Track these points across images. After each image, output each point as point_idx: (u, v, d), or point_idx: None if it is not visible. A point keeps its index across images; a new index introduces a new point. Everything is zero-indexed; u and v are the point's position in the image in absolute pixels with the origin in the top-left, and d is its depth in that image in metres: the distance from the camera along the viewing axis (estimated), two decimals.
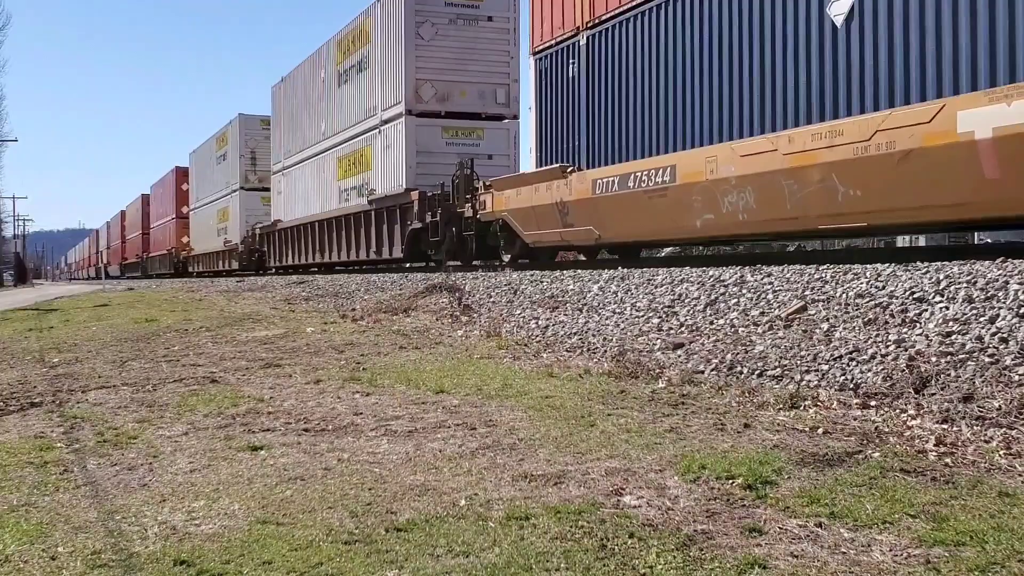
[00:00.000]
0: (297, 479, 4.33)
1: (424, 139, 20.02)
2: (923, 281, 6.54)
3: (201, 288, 27.37)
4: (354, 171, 23.95)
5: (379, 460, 4.66)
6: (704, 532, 3.42)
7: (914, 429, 4.77)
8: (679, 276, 9.29)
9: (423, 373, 7.45)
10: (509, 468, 4.39)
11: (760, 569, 3.07)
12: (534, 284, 11.54)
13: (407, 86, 20.05)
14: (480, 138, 20.32)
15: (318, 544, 3.42)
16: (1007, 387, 4.95)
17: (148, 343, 10.91)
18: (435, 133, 20.11)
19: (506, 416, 5.59)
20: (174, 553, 3.37)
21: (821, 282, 7.42)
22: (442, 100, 20.24)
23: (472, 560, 3.21)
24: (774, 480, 4.00)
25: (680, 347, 7.32)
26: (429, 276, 15.55)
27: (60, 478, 4.52)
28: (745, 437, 4.83)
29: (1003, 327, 5.51)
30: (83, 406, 6.56)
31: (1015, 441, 4.40)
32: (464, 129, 20.28)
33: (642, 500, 3.83)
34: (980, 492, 3.74)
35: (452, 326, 10.74)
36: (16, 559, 3.37)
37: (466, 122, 20.34)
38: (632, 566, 3.12)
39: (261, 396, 6.68)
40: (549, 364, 7.65)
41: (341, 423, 5.61)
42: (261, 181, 36.48)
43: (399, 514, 3.74)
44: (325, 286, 18.92)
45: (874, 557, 3.15)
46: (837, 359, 6.02)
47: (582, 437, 4.94)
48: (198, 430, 5.56)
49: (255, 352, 9.48)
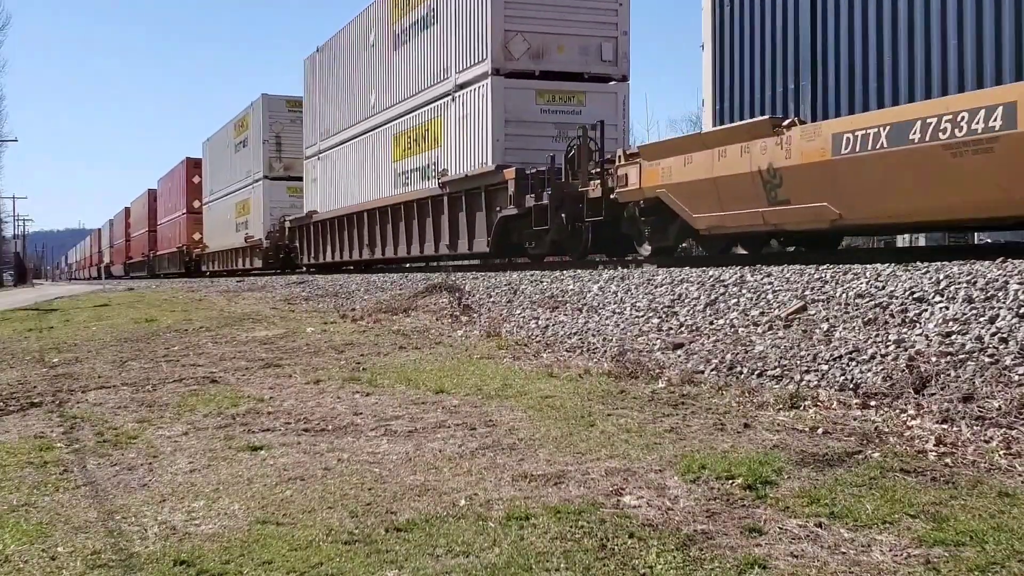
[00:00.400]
0: (297, 479, 4.33)
1: (515, 105, 16.39)
2: (923, 281, 6.54)
3: (201, 288, 27.36)
4: (416, 149, 20.21)
5: (379, 460, 4.66)
6: (704, 532, 3.42)
7: (914, 429, 4.77)
8: (679, 276, 9.29)
9: (423, 373, 7.45)
10: (509, 468, 4.39)
11: (760, 569, 3.07)
12: (534, 284, 11.54)
13: (493, 40, 16.33)
14: (581, 104, 16.64)
15: (318, 544, 3.42)
16: (1007, 387, 4.95)
17: (148, 343, 10.91)
18: (527, 97, 16.47)
19: (506, 416, 5.59)
20: (174, 553, 3.37)
21: (821, 282, 7.42)
22: (536, 57, 16.53)
23: (472, 560, 3.21)
24: (774, 480, 4.00)
25: (680, 347, 7.32)
26: (429, 276, 15.54)
27: (60, 478, 4.52)
28: (745, 437, 4.83)
29: (1003, 327, 5.51)
30: (83, 406, 6.56)
31: (1015, 441, 4.40)
32: (563, 93, 16.64)
33: (642, 500, 3.83)
34: (980, 492, 3.74)
35: (452, 326, 10.74)
36: (16, 559, 3.37)
37: (565, 84, 16.68)
38: (632, 566, 3.12)
39: (261, 396, 6.68)
40: (549, 364, 7.65)
41: (341, 423, 5.61)
42: (287, 169, 33.30)
43: (399, 514, 3.74)
44: (325, 286, 18.92)
45: (874, 557, 3.15)
46: (837, 359, 6.02)
47: (582, 437, 4.94)
48: (198, 430, 5.56)
49: (255, 352, 9.48)
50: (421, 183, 19.86)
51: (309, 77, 29.05)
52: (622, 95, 16.94)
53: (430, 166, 19.28)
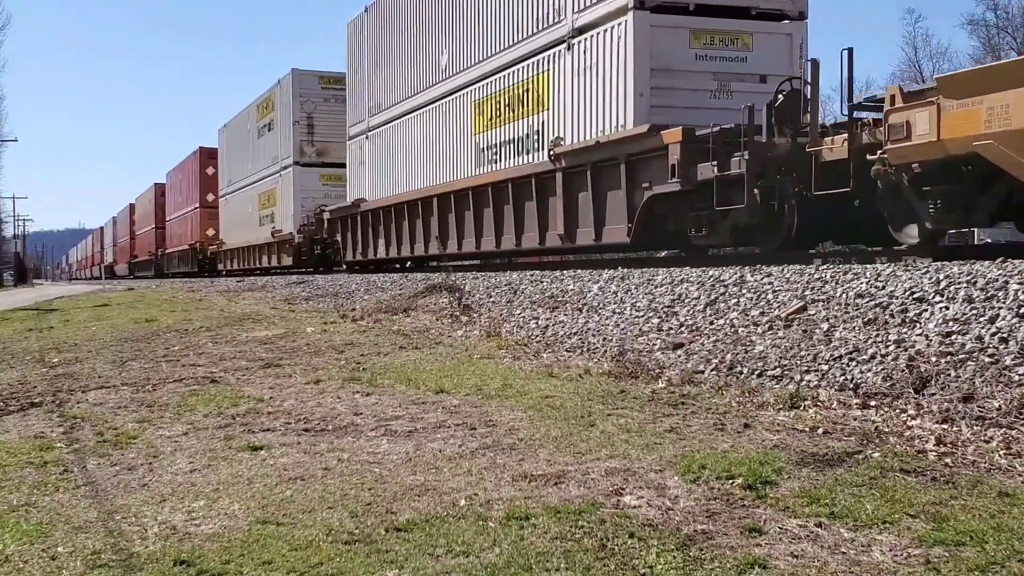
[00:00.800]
0: (297, 479, 4.33)
1: (663, 49, 12.30)
2: (923, 281, 6.54)
3: (201, 288, 27.37)
4: (510, 116, 15.84)
5: (379, 460, 4.66)
6: (704, 532, 3.42)
7: (914, 429, 4.77)
8: (679, 276, 9.29)
9: (423, 373, 7.45)
10: (509, 468, 4.39)
11: (760, 569, 3.07)
12: (534, 284, 11.54)
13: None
14: (747, 48, 12.65)
15: (318, 544, 3.42)
16: (1007, 387, 4.95)
17: (148, 343, 10.91)
18: (680, 40, 12.39)
19: (506, 416, 5.59)
20: (174, 553, 3.37)
21: (821, 282, 7.42)
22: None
23: (472, 560, 3.21)
24: (774, 480, 4.00)
25: (680, 347, 7.32)
26: (429, 276, 15.53)
27: (60, 478, 4.52)
28: (745, 437, 4.83)
29: (1003, 327, 5.51)
30: (83, 406, 6.57)
31: (1015, 441, 4.40)
32: (723, 34, 12.57)
33: (642, 500, 3.83)
34: (980, 492, 3.74)
35: (452, 326, 10.74)
36: (16, 559, 3.37)
37: (726, 22, 12.62)
38: (632, 566, 3.12)
39: (261, 396, 6.68)
40: (549, 364, 7.65)
41: (341, 423, 5.62)
42: (321, 155, 29.22)
43: (399, 514, 3.74)
44: (325, 286, 18.92)
45: (874, 557, 3.15)
46: (837, 359, 6.02)
47: (582, 437, 4.94)
48: (198, 430, 5.56)
49: (255, 352, 9.48)
50: (517, 158, 15.50)
51: (354, 44, 24.05)
52: (798, 37, 12.79)
53: (531, 136, 15.06)
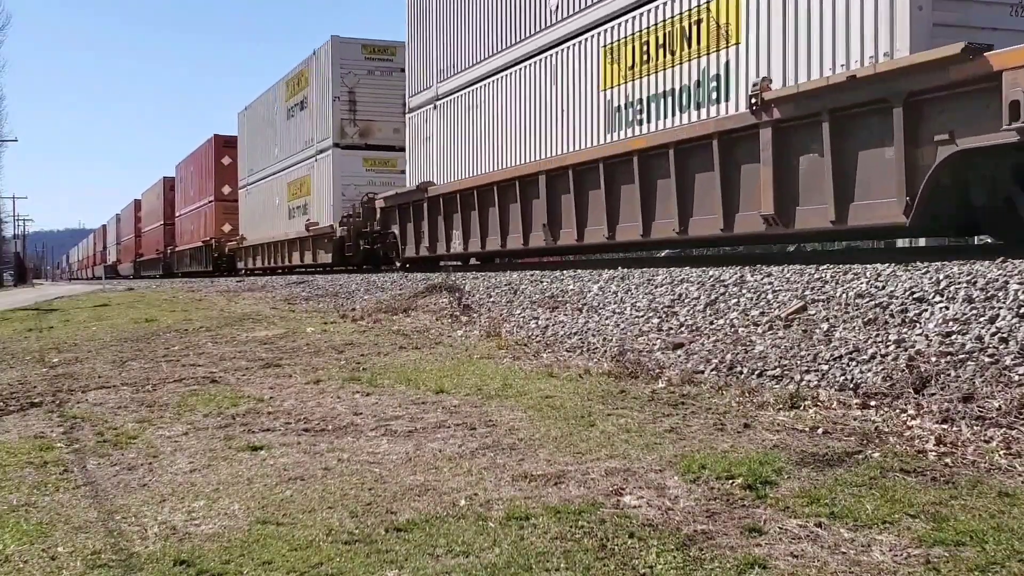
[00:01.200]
0: (297, 479, 4.33)
1: None
2: (923, 281, 6.54)
3: (201, 288, 27.36)
4: (669, 59, 11.13)
5: (379, 460, 4.66)
6: (704, 532, 3.43)
7: (914, 429, 4.77)
8: (679, 276, 9.29)
9: (423, 373, 7.45)
10: (509, 468, 4.39)
11: (760, 569, 3.07)
12: (534, 284, 11.54)
13: None
14: None
15: (318, 544, 3.42)
16: (1007, 387, 4.95)
17: (148, 343, 10.91)
18: None
19: (506, 416, 5.59)
20: (174, 553, 3.37)
21: (821, 282, 7.42)
22: None
23: (472, 560, 3.21)
24: (774, 480, 4.00)
25: (680, 347, 7.32)
26: (429, 276, 15.53)
27: (60, 478, 4.52)
28: (745, 437, 4.83)
29: (1003, 327, 5.51)
30: (83, 406, 6.57)
31: (1015, 441, 4.40)
32: None
33: (642, 500, 3.83)
34: (980, 492, 3.74)
35: (452, 326, 10.74)
36: (16, 559, 3.37)
37: None
38: (632, 566, 3.12)
39: (261, 396, 6.68)
40: (549, 364, 7.65)
41: (341, 423, 5.62)
42: (363, 135, 25.21)
43: (399, 514, 3.74)
44: (325, 286, 18.92)
45: (874, 557, 3.15)
46: (837, 359, 6.02)
47: (582, 437, 4.94)
48: (198, 430, 5.56)
49: (255, 352, 9.48)
50: (678, 116, 11.07)
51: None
52: None
53: (706, 83, 10.60)
